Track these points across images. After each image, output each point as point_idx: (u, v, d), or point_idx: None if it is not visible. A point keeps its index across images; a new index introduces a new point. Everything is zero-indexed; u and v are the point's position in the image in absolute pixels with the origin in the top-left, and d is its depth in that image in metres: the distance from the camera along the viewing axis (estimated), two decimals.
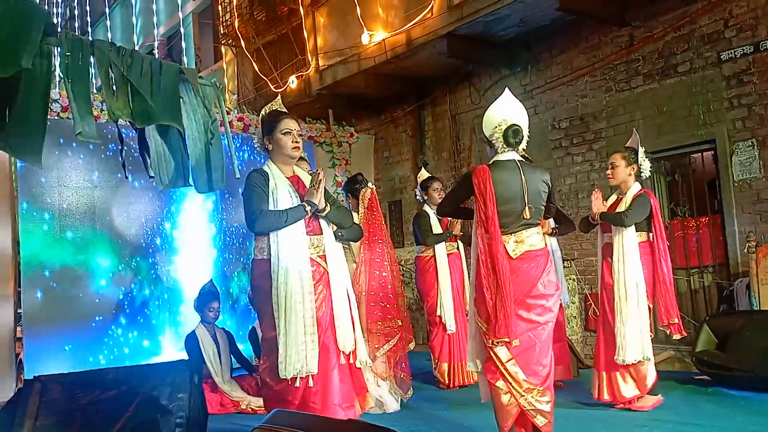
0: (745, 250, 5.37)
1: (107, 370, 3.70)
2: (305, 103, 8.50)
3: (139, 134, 1.63)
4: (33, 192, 5.80)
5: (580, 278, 6.72)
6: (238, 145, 7.40)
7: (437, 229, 5.47)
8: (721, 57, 5.71)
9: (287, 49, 8.99)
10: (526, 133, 3.35)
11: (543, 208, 3.30)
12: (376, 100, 8.74)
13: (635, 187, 4.34)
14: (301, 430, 1.91)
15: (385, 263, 4.96)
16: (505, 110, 3.35)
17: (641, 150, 4.36)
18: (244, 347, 5.63)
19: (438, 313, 5.37)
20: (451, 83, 8.10)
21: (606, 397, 4.22)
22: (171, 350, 6.42)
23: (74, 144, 6.04)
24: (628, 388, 4.14)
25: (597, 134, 6.65)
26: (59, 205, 5.93)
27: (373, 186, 5.20)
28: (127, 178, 3.04)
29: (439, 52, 7.08)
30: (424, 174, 5.83)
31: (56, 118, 5.70)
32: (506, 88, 3.56)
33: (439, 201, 5.59)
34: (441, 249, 5.43)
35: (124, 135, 1.90)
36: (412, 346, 5.20)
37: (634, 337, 4.05)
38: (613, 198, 4.46)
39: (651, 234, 4.30)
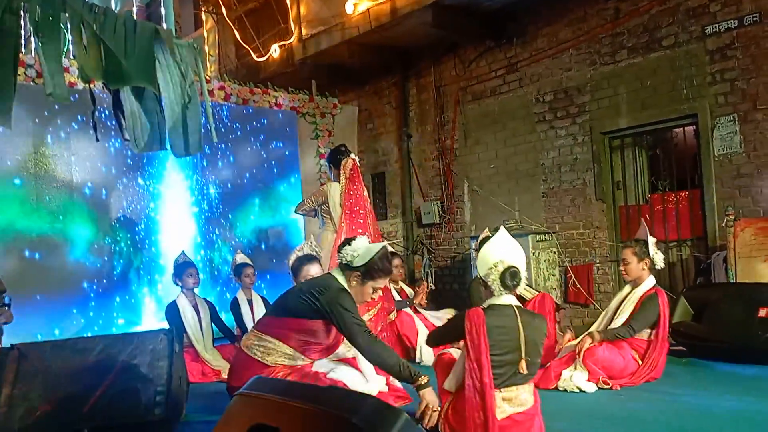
0: (724, 224, 5.44)
1: (86, 338, 3.68)
2: (288, 72, 8.38)
3: (113, 96, 1.58)
4: (9, 160, 5.69)
5: (561, 251, 6.77)
6: (223, 115, 7.30)
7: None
8: (706, 31, 5.71)
9: (269, 16, 8.82)
10: (524, 274, 3.06)
11: (539, 361, 3.03)
12: (359, 70, 8.64)
13: (648, 283, 4.20)
14: (281, 396, 1.91)
15: (367, 234, 4.95)
16: (501, 250, 3.07)
17: (652, 241, 4.23)
18: (226, 317, 5.62)
19: None
20: (436, 55, 8.02)
21: None
22: (151, 320, 6.39)
23: (50, 111, 5.92)
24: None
25: (581, 108, 6.65)
26: (36, 173, 5.83)
27: (356, 157, 5.17)
28: (98, 140, 2.94)
29: (424, 23, 6.98)
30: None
31: (32, 84, 5.56)
32: (502, 226, 3.38)
33: (399, 278, 5.80)
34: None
35: (99, 97, 1.85)
36: (392, 316, 5.23)
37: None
38: (627, 289, 4.32)
39: (653, 333, 4.12)
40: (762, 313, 4.47)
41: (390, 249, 5.77)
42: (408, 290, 5.87)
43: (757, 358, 4.34)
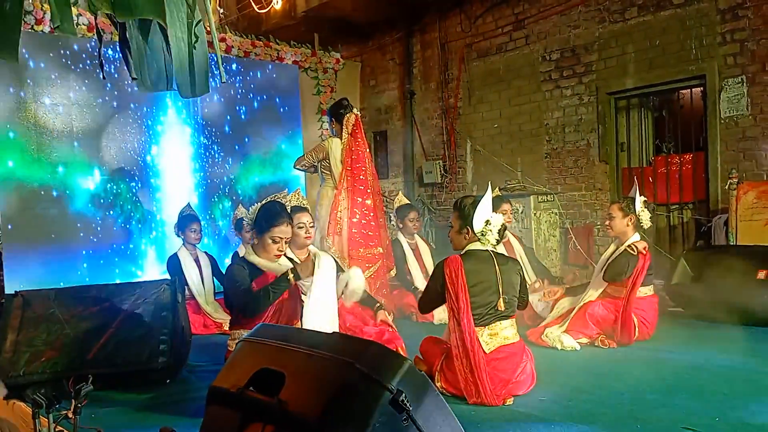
0: (726, 187, 5.42)
1: (90, 286, 3.69)
2: (290, 25, 8.23)
3: (120, 33, 1.55)
4: (9, 108, 5.63)
5: (563, 212, 6.77)
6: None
7: (411, 257, 5.49)
8: None
9: None
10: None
11: (516, 299, 3.23)
12: (363, 25, 8.48)
13: (633, 239, 4.20)
14: (286, 342, 1.93)
15: (368, 191, 4.94)
16: (492, 209, 3.30)
17: (640, 200, 4.24)
18: None
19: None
20: (442, 10, 7.87)
21: None
22: (152, 272, 6.42)
23: (49, 59, 5.83)
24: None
25: (588, 67, 6.56)
26: (35, 122, 5.77)
27: (358, 112, 5.12)
28: (104, 78, 2.89)
29: None
30: (402, 199, 5.74)
31: (30, 30, 5.45)
32: (488, 184, 3.43)
33: (414, 231, 5.65)
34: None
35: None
36: (392, 273, 5.26)
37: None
38: (612, 248, 4.34)
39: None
40: (761, 275, 4.50)
41: (406, 201, 5.79)
42: (422, 245, 5.73)
43: (755, 320, 4.38)
